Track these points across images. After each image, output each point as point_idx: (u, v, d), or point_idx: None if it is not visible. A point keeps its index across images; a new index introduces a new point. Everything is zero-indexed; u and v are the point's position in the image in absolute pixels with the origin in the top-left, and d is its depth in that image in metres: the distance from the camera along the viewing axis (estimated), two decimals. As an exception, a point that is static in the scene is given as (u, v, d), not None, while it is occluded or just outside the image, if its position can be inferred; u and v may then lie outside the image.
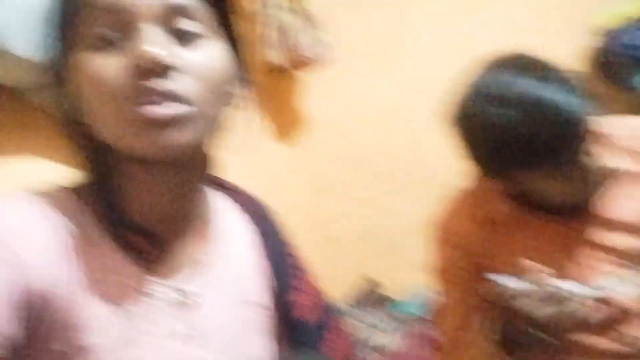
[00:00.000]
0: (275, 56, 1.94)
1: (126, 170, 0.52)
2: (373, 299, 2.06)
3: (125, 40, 0.46)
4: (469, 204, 1.04)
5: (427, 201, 2.05)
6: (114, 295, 0.49)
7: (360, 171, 2.20)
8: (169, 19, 0.46)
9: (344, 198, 2.21)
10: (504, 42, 2.05)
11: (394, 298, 2.05)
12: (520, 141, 0.80)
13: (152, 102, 0.45)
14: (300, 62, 1.92)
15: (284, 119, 2.17)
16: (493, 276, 0.83)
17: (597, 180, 0.90)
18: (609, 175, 0.91)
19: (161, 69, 0.44)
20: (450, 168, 2.08)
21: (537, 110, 0.78)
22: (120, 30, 0.46)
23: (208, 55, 0.48)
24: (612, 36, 1.70)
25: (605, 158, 0.89)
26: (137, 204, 0.53)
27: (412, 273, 2.11)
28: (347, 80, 2.17)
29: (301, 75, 2.14)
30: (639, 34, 1.60)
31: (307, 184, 2.19)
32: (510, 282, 0.82)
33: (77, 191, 0.53)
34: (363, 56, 2.16)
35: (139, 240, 0.52)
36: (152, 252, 0.53)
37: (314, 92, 2.20)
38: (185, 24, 0.47)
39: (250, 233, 0.64)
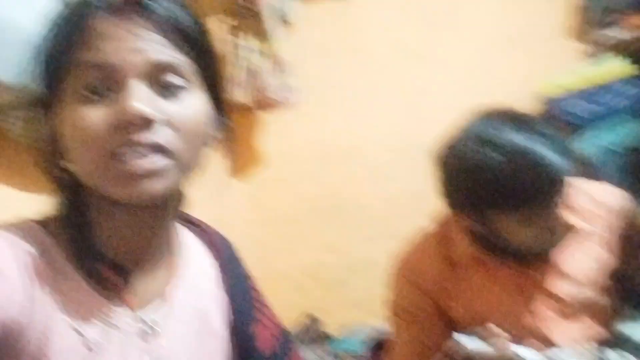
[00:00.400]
0: (241, 96, 1.96)
1: (99, 207, 0.53)
2: (313, 335, 2.06)
3: (111, 94, 0.48)
4: (432, 243, 1.06)
5: (372, 240, 2.16)
6: (81, 326, 0.50)
7: (309, 209, 2.24)
8: (155, 75, 0.49)
9: (290, 234, 2.24)
10: (456, 99, 2.19)
11: (333, 335, 2.06)
12: (505, 184, 0.85)
13: (136, 155, 0.47)
14: (265, 104, 2.00)
15: (243, 156, 2.18)
16: (456, 335, 0.86)
17: (560, 233, 0.96)
18: (568, 231, 0.98)
19: (146, 124, 0.47)
20: (397, 210, 2.19)
21: (525, 159, 0.84)
22: (108, 84, 0.48)
23: (190, 107, 0.51)
24: (552, 103, 1.86)
25: (565, 214, 0.95)
26: (107, 238, 0.54)
27: (352, 310, 2.17)
28: (307, 123, 2.22)
29: (264, 115, 2.17)
30: (575, 103, 1.75)
31: (256, 219, 2.20)
32: (470, 343, 0.84)
33: (44, 224, 0.54)
34: (326, 101, 2.23)
35: (107, 272, 0.53)
36: (119, 283, 0.54)
37: (274, 132, 2.24)
38: (170, 78, 0.50)
39: (214, 267, 0.66)
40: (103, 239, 0.54)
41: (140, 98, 0.47)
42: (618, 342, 0.97)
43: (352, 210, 2.21)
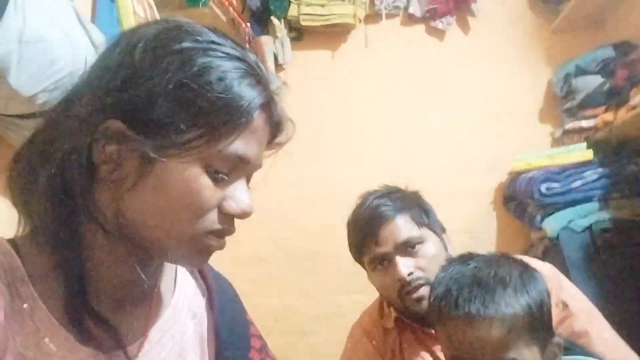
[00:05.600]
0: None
1: (109, 247, 0.51)
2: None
3: (226, 178, 0.51)
4: (375, 312, 1.17)
5: (341, 291, 2.19)
6: None
7: (282, 253, 2.29)
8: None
9: (261, 276, 2.26)
10: (435, 164, 2.29)
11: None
12: (353, 233, 1.09)
13: (222, 237, 0.53)
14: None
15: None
16: None
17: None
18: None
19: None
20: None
21: (361, 212, 1.06)
22: (229, 172, 0.51)
23: None
24: (520, 179, 1.98)
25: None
26: (103, 275, 0.52)
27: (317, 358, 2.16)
28: (287, 166, 2.28)
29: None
30: (545, 183, 1.86)
31: (227, 257, 2.18)
32: None
33: (16, 244, 0.51)
34: (309, 147, 2.29)
35: (92, 327, 0.50)
36: (100, 338, 0.51)
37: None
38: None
39: (201, 307, 0.64)
40: (97, 276, 0.52)
41: (248, 196, 0.53)
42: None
43: (325, 259, 2.25)
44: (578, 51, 2.12)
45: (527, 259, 1.12)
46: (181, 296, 0.62)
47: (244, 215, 0.52)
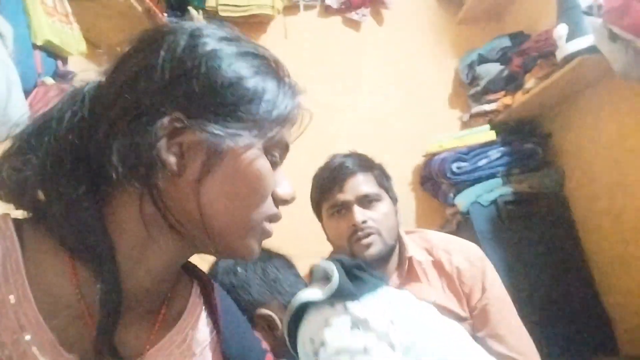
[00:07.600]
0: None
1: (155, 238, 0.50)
2: None
3: (276, 167, 0.54)
4: None
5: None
6: None
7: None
8: None
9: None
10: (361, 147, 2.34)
11: None
12: (316, 183, 1.24)
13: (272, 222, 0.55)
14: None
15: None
16: None
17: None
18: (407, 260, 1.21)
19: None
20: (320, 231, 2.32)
21: (327, 164, 1.23)
22: (279, 159, 0.55)
23: None
24: (436, 161, 2.13)
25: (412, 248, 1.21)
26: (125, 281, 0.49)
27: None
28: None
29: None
30: (456, 163, 2.01)
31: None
32: None
33: (21, 228, 0.48)
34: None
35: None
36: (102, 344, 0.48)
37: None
38: None
39: (209, 337, 0.61)
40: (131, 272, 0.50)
41: None
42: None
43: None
44: (480, 41, 2.31)
45: (459, 239, 1.26)
46: (189, 324, 0.58)
47: (293, 199, 0.55)
